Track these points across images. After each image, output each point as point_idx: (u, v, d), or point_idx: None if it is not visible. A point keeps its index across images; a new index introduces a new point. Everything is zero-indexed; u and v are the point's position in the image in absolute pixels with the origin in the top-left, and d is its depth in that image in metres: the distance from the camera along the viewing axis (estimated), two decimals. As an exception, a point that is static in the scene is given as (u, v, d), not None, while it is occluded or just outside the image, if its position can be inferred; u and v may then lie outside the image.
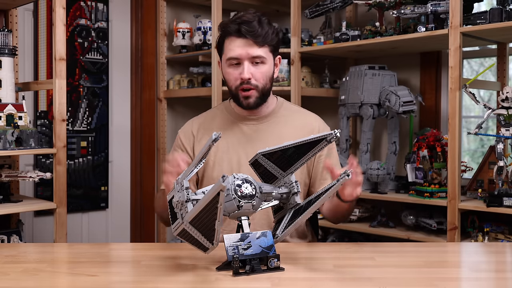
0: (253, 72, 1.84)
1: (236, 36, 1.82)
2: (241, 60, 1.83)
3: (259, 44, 1.82)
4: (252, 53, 1.82)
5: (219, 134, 1.37)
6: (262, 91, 1.87)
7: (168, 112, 3.66)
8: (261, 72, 1.85)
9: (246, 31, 1.80)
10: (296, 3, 3.15)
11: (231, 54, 1.84)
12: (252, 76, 1.83)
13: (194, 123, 2.01)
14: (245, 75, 1.82)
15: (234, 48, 1.83)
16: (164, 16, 3.61)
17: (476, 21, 2.51)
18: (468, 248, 1.94)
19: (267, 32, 1.82)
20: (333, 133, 1.44)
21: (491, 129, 3.42)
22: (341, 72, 3.51)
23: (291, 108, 2.02)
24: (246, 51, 1.82)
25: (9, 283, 1.38)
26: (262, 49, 1.83)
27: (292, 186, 1.54)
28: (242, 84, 1.84)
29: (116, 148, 3.60)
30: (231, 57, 1.84)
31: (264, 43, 1.83)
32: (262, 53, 1.83)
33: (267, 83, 1.87)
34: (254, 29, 1.80)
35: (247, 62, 1.83)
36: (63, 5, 2.48)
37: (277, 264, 1.42)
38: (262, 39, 1.81)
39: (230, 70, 1.86)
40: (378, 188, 2.96)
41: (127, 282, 1.41)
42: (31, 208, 2.59)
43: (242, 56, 1.82)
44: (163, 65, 3.62)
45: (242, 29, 1.80)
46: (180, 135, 2.00)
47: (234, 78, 1.86)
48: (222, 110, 2.01)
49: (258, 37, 1.81)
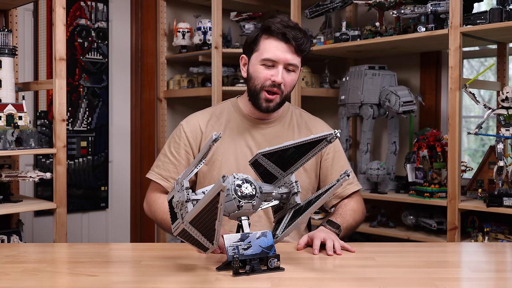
0: (284, 78, 1.83)
1: (278, 39, 1.80)
2: (277, 63, 1.81)
3: (298, 53, 1.82)
4: (290, 60, 1.81)
5: (219, 134, 1.37)
6: (285, 97, 1.87)
7: (168, 112, 3.66)
8: (291, 79, 1.85)
9: (291, 37, 1.79)
10: (296, 3, 3.15)
11: (269, 55, 1.81)
12: (283, 82, 1.83)
13: (200, 118, 1.95)
14: (279, 79, 1.81)
15: (274, 50, 1.81)
16: (164, 16, 3.62)
17: (476, 21, 2.51)
18: (468, 248, 1.94)
19: (307, 43, 1.83)
20: (333, 133, 1.44)
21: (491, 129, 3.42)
22: (341, 72, 3.51)
23: (298, 113, 2.02)
24: (285, 56, 1.81)
25: (9, 283, 1.38)
26: (298, 58, 1.83)
27: (292, 186, 1.54)
28: (271, 87, 1.82)
29: (116, 148, 3.60)
30: (268, 58, 1.81)
31: (302, 53, 1.83)
32: (297, 62, 1.84)
33: (290, 92, 1.89)
34: (298, 36, 1.80)
35: (281, 67, 1.81)
36: (63, 5, 2.48)
37: (277, 264, 1.42)
38: (303, 48, 1.82)
39: (261, 69, 1.83)
40: (378, 188, 2.96)
41: (127, 282, 1.41)
42: (31, 208, 2.58)
43: (280, 60, 1.81)
44: (163, 65, 3.62)
45: (287, 33, 1.79)
46: (185, 128, 1.93)
47: (264, 78, 1.83)
48: (229, 108, 1.97)
49: (301, 45, 1.81)
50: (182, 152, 1.91)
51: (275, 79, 1.81)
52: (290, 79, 1.84)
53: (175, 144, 1.93)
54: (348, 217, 1.86)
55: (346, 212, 1.88)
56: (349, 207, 1.91)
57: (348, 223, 1.85)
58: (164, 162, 1.93)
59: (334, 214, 1.88)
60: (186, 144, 1.91)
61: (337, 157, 1.97)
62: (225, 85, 3.27)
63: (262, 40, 1.83)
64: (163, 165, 1.92)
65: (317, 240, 1.64)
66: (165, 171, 1.91)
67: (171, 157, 1.92)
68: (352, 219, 1.88)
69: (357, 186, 1.98)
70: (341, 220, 1.81)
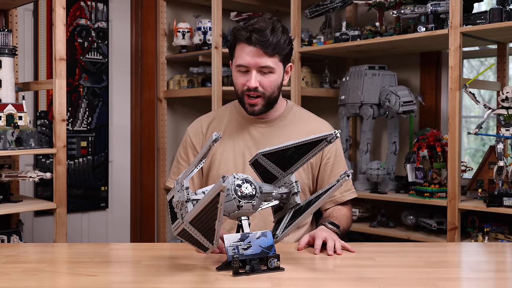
0: (261, 80, 1.81)
1: (247, 44, 1.79)
2: (250, 68, 1.81)
3: (269, 54, 1.78)
4: (260, 63, 1.79)
5: (219, 135, 1.37)
6: (269, 99, 1.86)
7: (168, 112, 3.66)
8: (269, 81, 1.82)
9: (256, 40, 1.76)
10: (296, 3, 3.15)
11: (240, 61, 1.81)
12: (259, 85, 1.81)
13: (203, 121, 2.01)
14: (252, 84, 1.80)
15: (244, 56, 1.80)
16: (164, 16, 3.61)
17: (476, 21, 2.51)
18: (468, 248, 1.94)
19: (279, 41, 1.78)
20: (333, 133, 1.44)
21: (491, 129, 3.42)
22: (341, 72, 3.51)
23: (300, 113, 2.01)
24: (255, 60, 1.78)
25: (9, 283, 1.38)
26: (271, 59, 1.79)
27: (292, 186, 1.54)
28: (249, 91, 1.83)
29: (116, 148, 3.60)
30: (240, 65, 1.81)
31: (274, 53, 1.79)
32: (271, 63, 1.80)
33: (275, 91, 1.86)
34: (265, 38, 1.76)
35: (255, 71, 1.80)
36: (63, 5, 2.48)
37: (277, 264, 1.42)
38: (272, 49, 1.77)
39: (238, 76, 1.84)
40: (378, 188, 2.96)
41: (127, 282, 1.41)
42: (31, 208, 2.58)
43: (251, 65, 1.79)
44: (163, 65, 3.62)
45: (252, 37, 1.76)
46: (189, 132, 2.01)
47: (241, 84, 1.84)
48: (231, 110, 2.00)
49: (268, 47, 1.76)
50: (190, 155, 1.99)
51: (248, 84, 1.81)
52: (268, 81, 1.82)
53: (184, 149, 2.01)
54: (343, 222, 1.87)
55: (342, 217, 1.89)
56: (343, 212, 1.93)
57: (343, 228, 1.86)
58: (178, 168, 2.00)
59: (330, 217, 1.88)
60: (192, 147, 1.99)
61: (337, 162, 1.96)
62: (225, 85, 3.27)
63: (236, 47, 1.83)
64: (178, 171, 1.99)
65: (318, 239, 1.64)
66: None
67: (183, 162, 1.99)
68: (346, 225, 1.91)
69: (353, 194, 1.99)
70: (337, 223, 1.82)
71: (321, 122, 2.02)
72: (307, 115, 2.03)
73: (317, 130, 1.96)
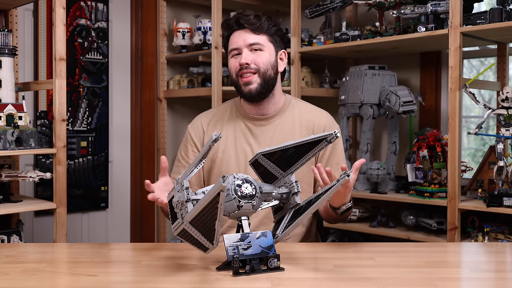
0: (253, 58, 1.87)
1: (236, 29, 1.89)
2: (240, 49, 1.88)
3: (256, 32, 1.88)
4: (249, 40, 1.87)
5: (219, 135, 1.37)
6: (264, 76, 1.88)
7: (168, 112, 3.66)
8: (260, 56, 1.88)
9: (244, 22, 1.87)
10: (296, 3, 3.15)
11: (232, 46, 1.90)
12: (251, 62, 1.87)
13: (203, 118, 2.03)
14: (242, 60, 1.86)
15: (235, 41, 1.89)
16: (164, 16, 3.61)
17: (476, 21, 2.51)
18: (468, 248, 1.94)
19: (263, 22, 1.89)
20: (333, 133, 1.44)
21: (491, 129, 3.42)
22: (341, 72, 3.51)
23: (299, 105, 2.02)
24: (244, 39, 1.88)
25: (9, 283, 1.38)
26: (259, 36, 1.89)
27: (292, 186, 1.54)
28: (241, 70, 1.87)
29: (116, 148, 3.60)
30: (232, 48, 1.90)
31: (260, 31, 1.88)
32: (260, 40, 1.88)
33: (269, 69, 1.89)
34: (249, 18, 1.88)
35: (245, 49, 1.88)
36: (63, 5, 2.48)
37: (277, 264, 1.42)
38: (258, 27, 1.88)
39: (231, 61, 1.91)
40: (378, 188, 2.96)
41: (127, 282, 1.41)
42: (31, 208, 2.59)
43: (240, 45, 1.88)
44: (163, 65, 3.62)
45: (240, 20, 1.88)
46: (190, 129, 2.03)
47: (234, 67, 1.90)
48: (231, 107, 2.02)
49: (254, 24, 1.87)
50: (190, 154, 2.00)
51: (240, 61, 1.87)
52: (259, 56, 1.88)
53: (184, 148, 2.02)
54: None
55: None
56: None
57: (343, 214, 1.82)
58: (178, 166, 2.01)
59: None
60: (192, 145, 2.00)
61: (333, 153, 1.95)
62: (225, 85, 3.27)
63: (229, 40, 1.93)
64: (178, 170, 2.00)
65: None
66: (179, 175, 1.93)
67: (183, 161, 2.00)
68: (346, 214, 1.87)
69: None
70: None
71: (321, 112, 2.02)
72: (306, 106, 2.03)
73: (316, 120, 1.97)
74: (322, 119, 1.98)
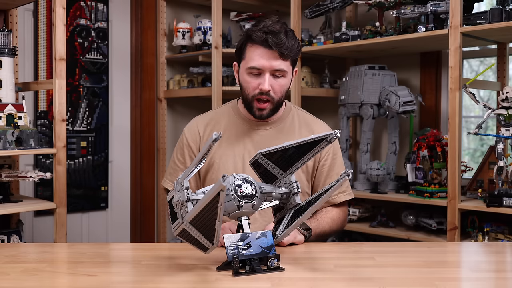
0: (272, 85, 1.81)
1: (262, 46, 1.78)
2: (263, 71, 1.80)
3: (284, 58, 1.78)
4: (275, 66, 1.78)
5: (220, 134, 1.37)
6: (277, 104, 1.86)
7: (168, 112, 3.66)
8: (280, 85, 1.82)
9: (273, 43, 1.75)
10: (296, 3, 3.15)
11: (253, 63, 1.79)
12: (271, 89, 1.81)
13: (199, 122, 1.98)
14: (266, 87, 1.79)
15: (258, 58, 1.79)
16: (164, 16, 3.62)
17: (476, 21, 2.51)
18: (468, 248, 1.94)
19: (293, 45, 1.78)
20: (333, 133, 1.43)
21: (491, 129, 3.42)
22: (341, 72, 3.51)
23: (299, 114, 2.00)
24: (270, 63, 1.78)
25: (9, 283, 1.38)
26: (285, 62, 1.80)
27: (292, 186, 1.54)
28: (260, 95, 1.82)
29: (116, 148, 3.60)
30: (253, 67, 1.80)
31: (288, 57, 1.79)
32: (285, 66, 1.80)
33: (283, 96, 1.86)
34: (281, 41, 1.75)
35: (268, 74, 1.80)
36: (63, 5, 2.48)
37: (277, 264, 1.42)
38: (288, 52, 1.78)
39: (249, 79, 1.82)
40: (378, 188, 2.96)
41: (127, 282, 1.41)
42: (31, 208, 2.59)
43: (265, 68, 1.79)
44: (163, 65, 3.62)
45: (269, 39, 1.75)
46: (186, 133, 1.98)
47: (252, 88, 1.82)
48: (229, 111, 1.98)
49: (285, 50, 1.76)
50: (187, 157, 1.96)
51: (262, 87, 1.80)
52: (279, 85, 1.82)
53: (180, 151, 1.98)
54: (324, 224, 1.85)
55: (324, 219, 1.87)
56: (329, 215, 1.90)
57: (323, 230, 1.84)
58: (174, 169, 1.98)
59: (311, 217, 1.85)
60: (188, 148, 1.96)
61: (334, 165, 1.94)
62: (225, 85, 3.27)
63: (247, 48, 1.82)
64: (174, 172, 1.97)
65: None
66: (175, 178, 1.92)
67: (179, 163, 1.97)
68: (329, 227, 1.88)
69: (349, 195, 1.97)
70: (315, 225, 1.81)
71: (319, 122, 2.01)
72: (305, 115, 2.02)
73: (316, 130, 1.96)
74: (320, 128, 1.97)
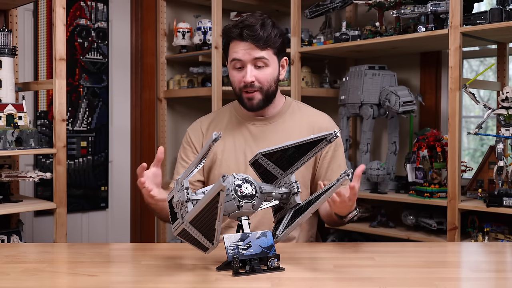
0: (256, 75, 1.85)
1: (239, 40, 1.84)
2: (244, 63, 1.85)
3: (261, 48, 1.83)
4: (254, 55, 1.83)
5: (219, 134, 1.37)
6: (266, 93, 1.88)
7: (168, 112, 3.66)
8: (264, 74, 1.86)
9: (247, 35, 1.82)
10: (296, 3, 3.15)
11: (234, 55, 1.86)
12: (255, 79, 1.85)
13: (203, 121, 2.04)
14: (247, 79, 1.84)
15: (237, 51, 1.85)
16: (164, 16, 3.61)
17: (476, 21, 2.51)
18: (468, 248, 1.94)
19: (269, 35, 1.83)
20: (333, 133, 1.44)
21: (491, 129, 3.42)
22: (341, 72, 3.51)
23: (299, 107, 2.02)
24: (249, 53, 1.83)
25: (9, 283, 1.38)
26: (264, 51, 1.84)
27: (292, 186, 1.54)
28: (246, 87, 1.86)
29: (116, 148, 3.60)
30: (235, 58, 1.86)
31: (266, 46, 1.83)
32: (265, 55, 1.84)
33: (272, 85, 1.88)
34: (255, 32, 1.81)
35: (250, 65, 1.84)
36: (63, 5, 2.48)
37: (277, 264, 1.42)
38: (264, 42, 1.82)
39: (234, 73, 1.88)
40: (378, 188, 2.96)
41: (127, 282, 1.41)
42: (31, 208, 2.59)
43: (245, 59, 1.84)
44: (163, 65, 3.62)
45: (243, 33, 1.82)
46: (189, 132, 2.03)
47: (237, 81, 1.88)
48: (230, 110, 2.03)
49: (259, 40, 1.82)
50: (191, 156, 2.00)
51: (244, 79, 1.85)
52: (263, 74, 1.85)
53: (184, 150, 2.03)
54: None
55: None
56: None
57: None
58: (179, 168, 2.01)
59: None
60: (192, 147, 2.01)
61: (335, 157, 1.95)
62: (225, 85, 3.27)
63: (230, 46, 1.89)
64: (180, 172, 2.00)
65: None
66: None
67: (184, 163, 2.01)
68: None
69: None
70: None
71: (321, 115, 2.02)
72: (306, 109, 2.03)
73: (317, 122, 1.97)
74: (323, 121, 1.99)
